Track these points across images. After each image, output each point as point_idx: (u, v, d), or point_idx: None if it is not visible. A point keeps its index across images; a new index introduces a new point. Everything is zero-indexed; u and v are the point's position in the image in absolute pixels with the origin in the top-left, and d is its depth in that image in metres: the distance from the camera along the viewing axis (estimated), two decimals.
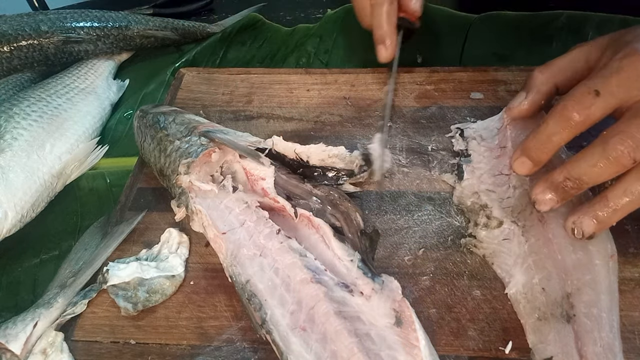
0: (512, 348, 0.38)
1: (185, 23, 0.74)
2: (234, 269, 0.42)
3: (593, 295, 0.37)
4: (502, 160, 0.47)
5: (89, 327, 0.42)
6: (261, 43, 0.72)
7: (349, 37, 0.70)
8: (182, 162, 0.47)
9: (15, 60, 0.66)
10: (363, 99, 0.57)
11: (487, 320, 0.40)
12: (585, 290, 0.37)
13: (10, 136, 0.53)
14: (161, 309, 0.43)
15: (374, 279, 0.39)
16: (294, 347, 0.37)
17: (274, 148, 0.50)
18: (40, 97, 0.59)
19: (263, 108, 0.59)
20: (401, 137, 0.54)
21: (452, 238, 0.44)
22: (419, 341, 0.36)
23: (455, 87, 0.58)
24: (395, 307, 0.38)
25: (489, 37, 0.66)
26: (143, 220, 0.49)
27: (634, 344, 0.37)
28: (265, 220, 0.43)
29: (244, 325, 0.41)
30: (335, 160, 0.49)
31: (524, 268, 0.40)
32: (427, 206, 0.47)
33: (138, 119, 0.55)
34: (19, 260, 0.51)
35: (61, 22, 0.67)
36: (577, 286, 0.38)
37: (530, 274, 0.40)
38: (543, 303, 0.38)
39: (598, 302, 0.37)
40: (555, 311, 0.37)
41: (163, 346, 0.41)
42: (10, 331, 0.40)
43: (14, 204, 0.50)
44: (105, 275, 0.43)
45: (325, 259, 0.42)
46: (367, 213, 0.47)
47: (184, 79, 0.64)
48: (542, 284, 0.39)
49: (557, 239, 0.40)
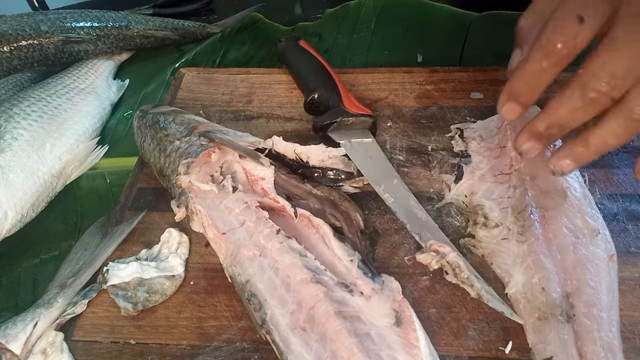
0: (512, 348, 0.38)
1: (185, 23, 0.74)
2: (234, 269, 0.42)
3: (593, 295, 0.37)
4: (502, 160, 0.47)
5: (89, 327, 0.42)
6: (261, 43, 0.72)
7: (349, 36, 0.70)
8: (181, 162, 0.47)
9: (15, 60, 0.66)
10: (363, 99, 0.57)
11: (487, 320, 0.40)
12: (584, 290, 0.37)
13: (10, 136, 0.53)
14: (161, 309, 0.43)
15: (374, 279, 0.39)
16: (294, 347, 0.37)
17: (274, 148, 0.50)
18: (40, 97, 0.59)
19: (263, 108, 0.59)
20: (401, 137, 0.54)
21: (452, 238, 0.44)
22: (419, 341, 0.36)
23: (455, 87, 0.58)
24: (395, 307, 0.38)
25: (489, 36, 0.66)
26: (143, 220, 0.49)
27: (634, 344, 0.37)
28: (265, 221, 0.43)
29: (244, 325, 0.41)
30: (335, 161, 0.49)
31: (524, 268, 0.40)
32: (427, 206, 0.47)
33: (138, 119, 0.55)
34: (19, 260, 0.51)
35: (61, 22, 0.67)
36: (577, 286, 0.38)
37: (529, 274, 0.40)
38: (543, 303, 0.38)
39: (598, 302, 0.37)
40: (555, 311, 0.37)
41: (163, 346, 0.41)
42: (10, 331, 0.40)
43: (14, 204, 0.50)
44: (105, 275, 0.43)
45: (325, 259, 0.42)
46: (367, 213, 0.47)
47: (184, 79, 0.64)
48: (542, 284, 0.39)
49: (557, 239, 0.40)
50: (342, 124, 0.52)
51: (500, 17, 0.68)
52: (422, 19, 0.70)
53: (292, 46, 0.61)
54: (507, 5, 0.70)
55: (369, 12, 0.72)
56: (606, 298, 0.37)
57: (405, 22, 0.70)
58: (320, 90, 0.54)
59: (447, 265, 0.41)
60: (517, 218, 0.43)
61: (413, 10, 0.71)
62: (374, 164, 0.49)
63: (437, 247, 0.42)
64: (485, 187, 0.46)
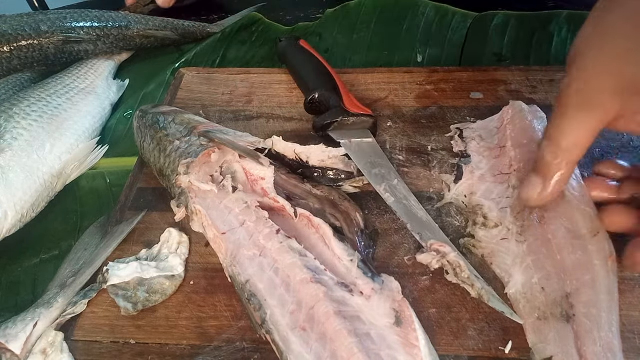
0: (512, 348, 0.38)
1: (185, 23, 0.74)
2: (234, 269, 0.42)
3: (592, 296, 0.37)
4: (501, 160, 0.47)
5: (89, 327, 0.42)
6: (261, 43, 0.72)
7: (349, 36, 0.70)
8: (181, 163, 0.47)
9: (15, 60, 0.66)
10: (363, 99, 0.57)
11: (487, 320, 0.40)
12: (584, 291, 0.37)
13: (10, 136, 0.53)
14: (161, 309, 0.43)
15: (374, 279, 0.39)
16: (294, 347, 0.37)
17: (274, 148, 0.50)
18: (40, 97, 0.59)
19: (263, 108, 0.59)
20: (401, 137, 0.53)
21: (452, 238, 0.44)
22: (419, 341, 0.36)
23: (455, 87, 0.58)
24: (395, 307, 0.38)
25: (489, 36, 0.66)
26: (143, 220, 0.49)
27: (634, 344, 0.37)
28: (265, 221, 0.43)
29: (244, 325, 0.41)
30: (335, 161, 0.49)
31: (523, 268, 0.40)
32: (427, 206, 0.47)
33: (138, 119, 0.55)
34: (19, 260, 0.51)
35: (61, 22, 0.67)
36: (577, 286, 0.38)
37: (529, 274, 0.40)
38: (543, 303, 0.38)
39: (597, 302, 0.37)
40: (555, 311, 0.37)
41: (163, 346, 0.41)
42: (10, 331, 0.40)
43: (14, 204, 0.50)
44: (105, 275, 0.43)
45: (325, 259, 0.42)
46: (367, 213, 0.47)
47: (184, 79, 0.64)
48: (542, 284, 0.39)
49: (556, 240, 0.40)
50: (343, 123, 0.52)
51: (500, 17, 0.68)
52: (422, 19, 0.70)
53: (292, 46, 0.61)
54: (507, 5, 0.70)
55: (369, 12, 0.72)
56: (606, 298, 0.37)
57: (405, 22, 0.70)
58: (320, 90, 0.54)
59: (448, 265, 0.41)
60: (517, 218, 0.43)
61: (413, 10, 0.71)
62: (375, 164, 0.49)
63: (437, 247, 0.42)
64: (484, 187, 0.46)
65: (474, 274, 0.40)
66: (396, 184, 0.48)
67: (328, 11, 0.74)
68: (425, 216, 0.45)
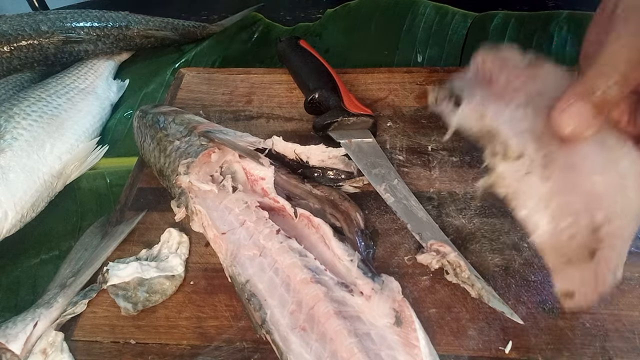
0: (512, 348, 0.38)
1: (185, 23, 0.74)
2: (234, 269, 0.42)
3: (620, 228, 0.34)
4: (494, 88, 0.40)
5: (89, 327, 0.42)
6: (261, 43, 0.72)
7: (349, 36, 0.70)
8: (181, 162, 0.47)
9: (15, 60, 0.66)
10: (363, 99, 0.57)
11: (487, 320, 0.40)
12: (614, 222, 0.34)
13: (10, 136, 0.54)
14: (161, 309, 0.43)
15: (374, 279, 0.39)
16: (294, 347, 0.37)
17: (274, 148, 0.50)
18: (40, 97, 0.59)
19: (263, 108, 0.59)
20: (401, 137, 0.53)
21: (452, 238, 0.44)
22: (419, 341, 0.36)
23: None
24: (395, 307, 0.38)
25: (489, 36, 0.66)
26: (143, 220, 0.49)
27: (634, 344, 0.37)
28: (265, 221, 0.43)
29: (244, 325, 0.41)
30: (335, 161, 0.49)
31: (549, 213, 0.35)
32: (426, 206, 0.47)
33: (138, 119, 0.55)
34: (19, 260, 0.51)
35: (61, 22, 0.67)
36: (609, 217, 0.34)
37: (555, 220, 0.35)
38: (570, 249, 0.34)
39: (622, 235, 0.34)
40: (581, 253, 0.34)
41: (163, 346, 0.41)
42: (10, 331, 0.40)
43: (14, 204, 0.50)
44: (105, 275, 0.43)
45: (325, 259, 0.42)
46: (367, 213, 0.47)
47: (184, 79, 0.64)
48: (569, 231, 0.34)
49: (586, 160, 0.35)
50: (343, 123, 0.52)
51: (500, 17, 0.68)
52: (422, 19, 0.70)
53: (292, 46, 0.61)
54: (507, 5, 0.70)
55: (369, 12, 0.73)
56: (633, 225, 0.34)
57: (405, 22, 0.70)
58: (320, 90, 0.54)
59: (448, 265, 0.41)
60: (538, 145, 0.36)
61: (413, 10, 0.71)
62: (375, 164, 0.49)
63: (437, 247, 0.42)
64: (493, 107, 0.38)
65: (474, 274, 0.40)
66: (396, 184, 0.48)
67: (328, 11, 0.74)
68: (425, 216, 0.45)
